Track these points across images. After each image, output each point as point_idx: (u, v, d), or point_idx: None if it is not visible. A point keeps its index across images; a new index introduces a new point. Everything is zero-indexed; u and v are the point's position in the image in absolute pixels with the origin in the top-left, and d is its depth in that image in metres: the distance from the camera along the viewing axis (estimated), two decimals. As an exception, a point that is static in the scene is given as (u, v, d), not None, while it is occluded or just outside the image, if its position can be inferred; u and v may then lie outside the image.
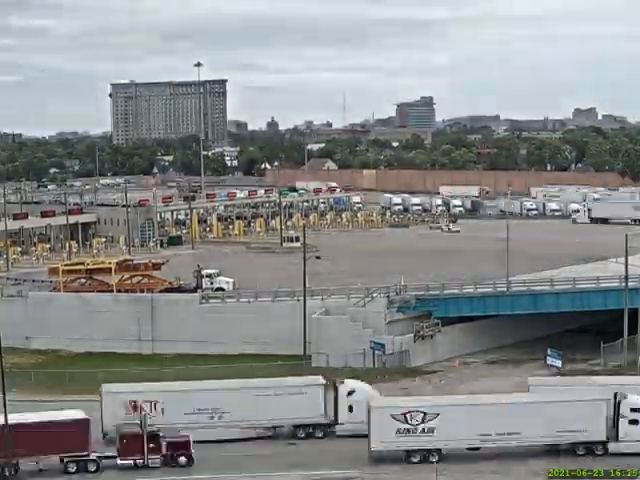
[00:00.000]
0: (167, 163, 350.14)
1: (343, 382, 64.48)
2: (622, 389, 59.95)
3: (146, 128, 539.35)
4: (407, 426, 57.51)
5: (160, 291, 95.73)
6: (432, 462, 56.21)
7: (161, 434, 58.62)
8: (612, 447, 57.61)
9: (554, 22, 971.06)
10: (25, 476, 57.32)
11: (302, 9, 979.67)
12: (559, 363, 75.61)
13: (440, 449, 57.62)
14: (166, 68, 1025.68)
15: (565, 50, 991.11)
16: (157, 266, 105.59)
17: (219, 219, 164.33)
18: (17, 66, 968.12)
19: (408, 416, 57.64)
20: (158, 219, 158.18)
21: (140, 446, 57.96)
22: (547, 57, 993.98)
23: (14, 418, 57.25)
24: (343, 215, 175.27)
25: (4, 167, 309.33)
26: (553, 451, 58.30)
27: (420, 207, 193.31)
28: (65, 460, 57.76)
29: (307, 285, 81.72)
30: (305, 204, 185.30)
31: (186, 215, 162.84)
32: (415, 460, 57.35)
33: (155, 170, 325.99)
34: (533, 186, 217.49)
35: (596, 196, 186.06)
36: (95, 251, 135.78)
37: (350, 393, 63.12)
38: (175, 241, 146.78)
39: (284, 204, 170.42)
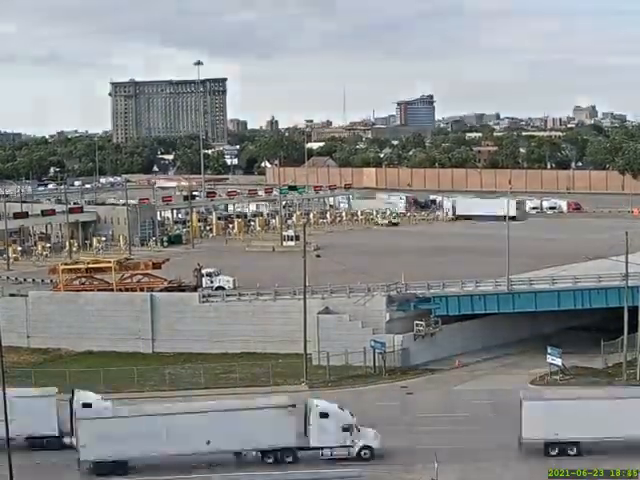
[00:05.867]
0: (167, 162, 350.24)
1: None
2: None
3: (146, 127, 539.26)
4: None
5: (160, 290, 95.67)
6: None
7: None
8: None
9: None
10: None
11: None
12: (559, 361, 75.55)
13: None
14: (166, 66, 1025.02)
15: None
16: (157, 265, 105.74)
17: (219, 218, 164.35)
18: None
19: None
20: (158, 218, 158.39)
21: None
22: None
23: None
24: (343, 214, 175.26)
25: (4, 166, 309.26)
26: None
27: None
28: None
29: (307, 283, 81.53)
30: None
31: (186, 214, 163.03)
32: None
33: (156, 169, 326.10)
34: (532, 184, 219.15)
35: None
36: (95, 250, 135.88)
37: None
38: (175, 240, 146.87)
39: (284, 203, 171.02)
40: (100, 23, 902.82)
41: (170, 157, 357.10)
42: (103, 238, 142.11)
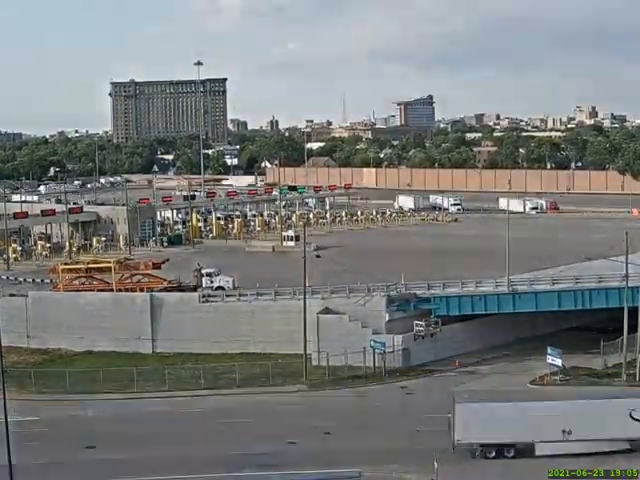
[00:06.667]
0: (167, 162, 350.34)
1: None
2: None
3: (146, 127, 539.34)
4: None
5: (160, 290, 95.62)
6: None
7: None
8: None
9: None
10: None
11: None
12: (559, 362, 75.53)
13: None
14: (166, 67, 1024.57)
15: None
16: (157, 265, 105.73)
17: (218, 218, 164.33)
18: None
19: None
20: (158, 218, 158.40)
21: None
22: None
23: None
24: (342, 214, 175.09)
25: (4, 166, 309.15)
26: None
27: None
28: None
29: (307, 283, 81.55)
30: None
31: (186, 214, 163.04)
32: None
33: (155, 169, 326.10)
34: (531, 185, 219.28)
35: None
36: (95, 250, 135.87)
37: None
38: (175, 240, 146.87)
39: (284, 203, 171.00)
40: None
41: (170, 157, 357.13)
42: (103, 238, 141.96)
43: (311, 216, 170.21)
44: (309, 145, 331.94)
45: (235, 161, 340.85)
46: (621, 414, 57.59)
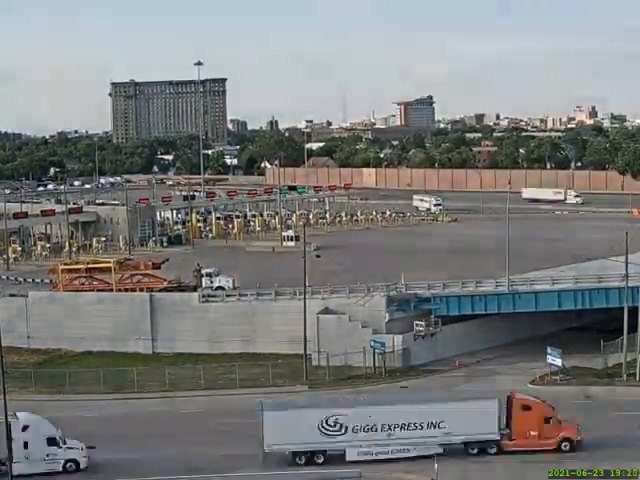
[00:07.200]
0: (167, 162, 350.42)
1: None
2: None
3: (146, 127, 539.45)
4: None
5: (160, 290, 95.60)
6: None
7: None
8: None
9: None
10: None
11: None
12: (559, 362, 75.55)
13: None
14: (166, 67, 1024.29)
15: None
16: (157, 265, 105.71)
17: (218, 218, 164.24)
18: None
19: None
20: (158, 218, 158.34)
21: None
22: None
23: None
24: (342, 214, 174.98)
25: (4, 166, 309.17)
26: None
27: None
28: None
29: (307, 284, 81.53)
30: None
31: (186, 214, 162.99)
32: None
33: (155, 169, 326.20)
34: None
35: None
36: (95, 250, 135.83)
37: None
38: (175, 240, 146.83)
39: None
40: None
41: (170, 157, 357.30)
42: (103, 238, 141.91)
43: (311, 216, 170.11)
44: (309, 145, 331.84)
45: (235, 161, 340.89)
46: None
